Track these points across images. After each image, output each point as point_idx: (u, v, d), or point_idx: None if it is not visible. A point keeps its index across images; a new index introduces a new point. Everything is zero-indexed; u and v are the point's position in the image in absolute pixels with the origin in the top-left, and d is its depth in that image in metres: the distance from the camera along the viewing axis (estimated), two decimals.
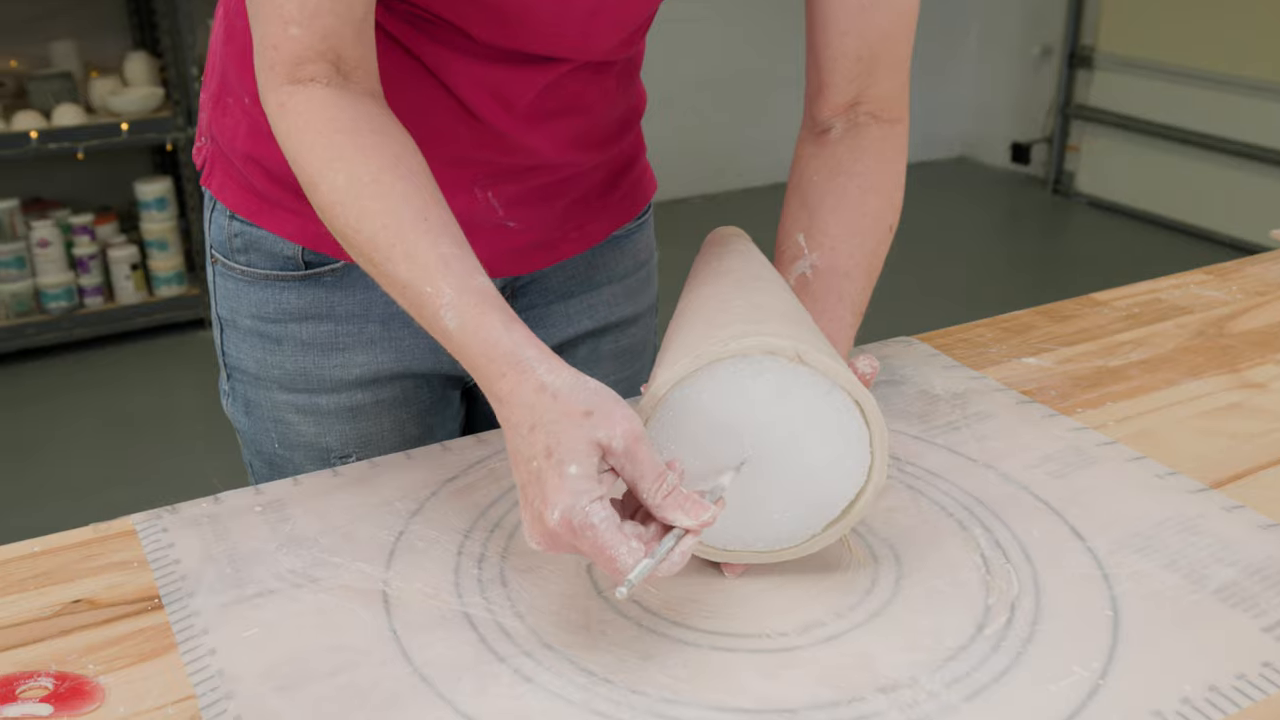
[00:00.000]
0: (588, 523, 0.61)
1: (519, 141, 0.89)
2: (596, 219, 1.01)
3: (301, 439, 0.97)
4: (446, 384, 1.01)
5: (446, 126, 0.87)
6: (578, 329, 1.04)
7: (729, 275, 0.81)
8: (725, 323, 0.71)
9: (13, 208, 3.18)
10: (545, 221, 0.96)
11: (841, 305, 0.83)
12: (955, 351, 1.05)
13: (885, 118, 0.89)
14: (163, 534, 0.78)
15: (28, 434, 2.81)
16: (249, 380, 0.97)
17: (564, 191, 0.95)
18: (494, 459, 0.87)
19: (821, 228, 0.85)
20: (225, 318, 0.97)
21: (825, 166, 0.88)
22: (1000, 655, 0.66)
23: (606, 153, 0.97)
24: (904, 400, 0.96)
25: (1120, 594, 0.71)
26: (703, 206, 4.47)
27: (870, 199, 0.87)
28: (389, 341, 0.95)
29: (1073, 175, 4.64)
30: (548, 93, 0.87)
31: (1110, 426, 0.92)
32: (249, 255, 0.93)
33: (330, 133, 0.72)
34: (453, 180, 0.89)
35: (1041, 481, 0.83)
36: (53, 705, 0.62)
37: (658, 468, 0.63)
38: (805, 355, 0.68)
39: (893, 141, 0.89)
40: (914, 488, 0.83)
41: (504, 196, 0.92)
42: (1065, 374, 1.01)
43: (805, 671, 0.65)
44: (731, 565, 0.73)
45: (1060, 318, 1.13)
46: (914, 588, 0.72)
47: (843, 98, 0.88)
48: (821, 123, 0.90)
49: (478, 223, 0.92)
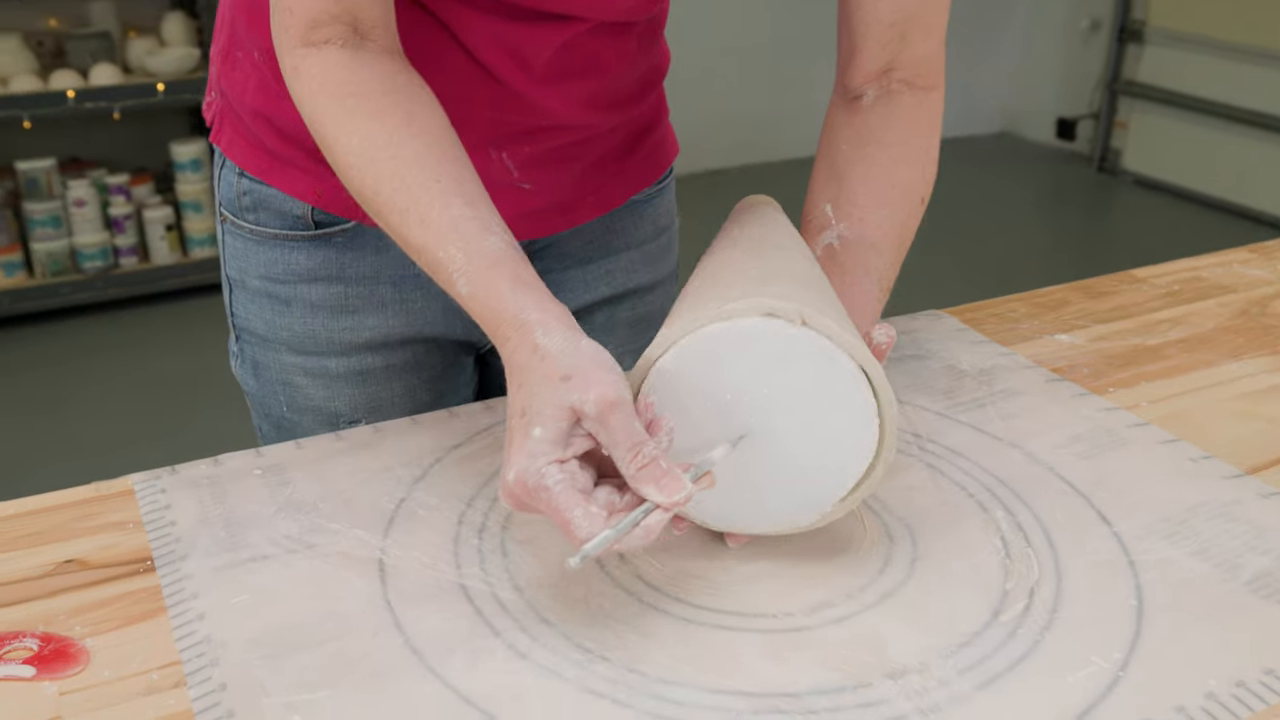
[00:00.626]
0: (541, 484, 0.59)
1: (535, 102, 0.86)
2: (615, 182, 0.98)
3: (310, 403, 0.95)
4: (459, 349, 0.99)
5: (461, 86, 0.84)
6: (595, 295, 1.01)
7: (749, 242, 0.78)
8: (732, 283, 0.68)
9: (50, 167, 3.19)
10: (561, 184, 0.93)
11: (868, 278, 0.80)
12: (985, 326, 1.02)
13: (919, 85, 0.85)
14: (160, 495, 0.76)
15: (61, 391, 2.82)
16: (257, 342, 0.95)
17: (581, 154, 0.93)
18: (500, 426, 0.84)
19: (850, 198, 0.82)
20: (234, 278, 0.95)
21: (856, 135, 0.85)
22: (1016, 643, 0.63)
23: (626, 114, 0.94)
24: (929, 375, 0.93)
25: (1146, 582, 0.68)
26: (738, 178, 4.42)
27: (901, 169, 0.83)
28: (400, 304, 0.93)
29: (1119, 152, 4.55)
30: (565, 52, 0.84)
31: (1143, 407, 0.88)
32: (258, 214, 0.91)
33: (344, 96, 0.71)
34: (468, 141, 0.87)
35: (1068, 462, 0.80)
36: (35, 667, 0.61)
37: (633, 436, 0.60)
38: (809, 318, 0.64)
39: (926, 110, 0.86)
40: (934, 466, 0.80)
41: (519, 158, 0.89)
42: (1099, 352, 0.97)
43: (811, 654, 0.62)
44: (735, 535, 0.71)
45: (1096, 294, 1.10)
46: (929, 570, 0.69)
47: (875, 64, 0.85)
48: (853, 90, 0.86)
49: (492, 184, 0.89)
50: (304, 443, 0.83)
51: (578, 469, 0.61)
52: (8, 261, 3.18)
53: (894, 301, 0.84)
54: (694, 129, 4.21)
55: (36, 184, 3.19)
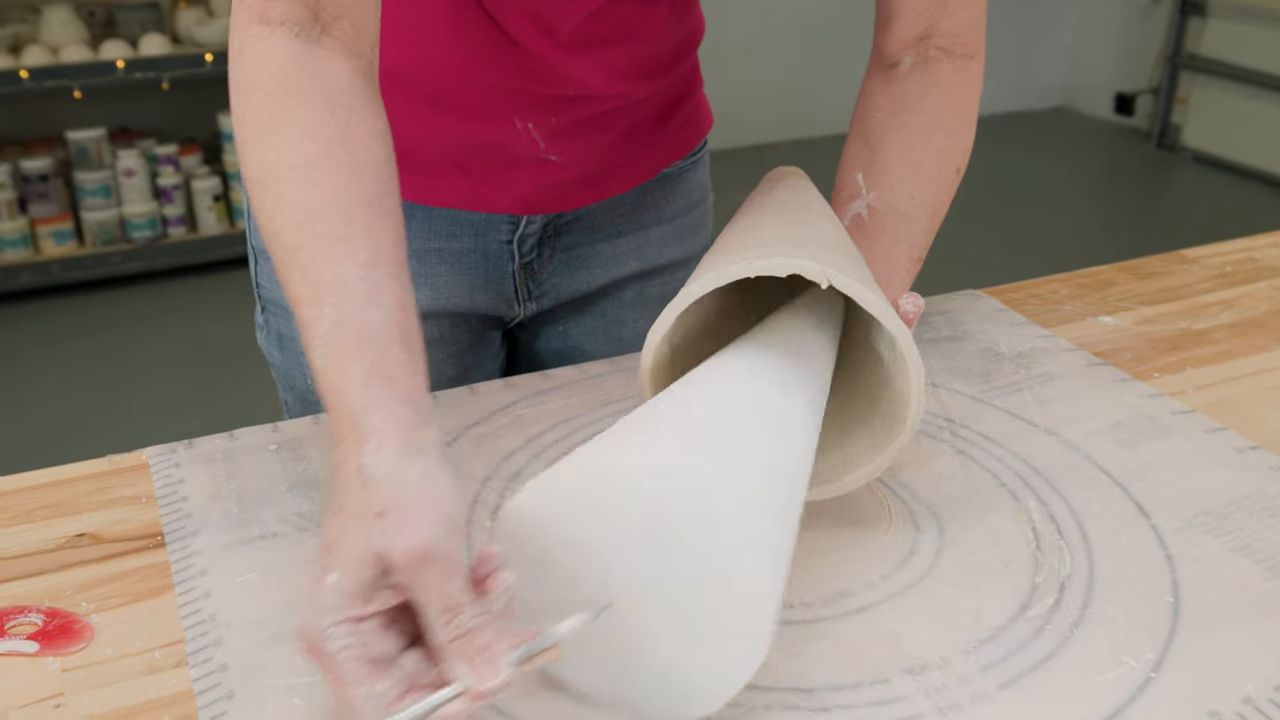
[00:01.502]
0: (322, 649, 0.49)
1: (562, 71, 0.83)
2: (645, 154, 0.95)
3: None
4: (485, 324, 0.97)
5: (486, 53, 0.82)
6: (624, 270, 0.99)
7: (775, 207, 0.75)
8: (757, 244, 0.65)
9: (100, 136, 3.21)
10: (590, 155, 0.91)
11: (897, 248, 0.77)
12: (1025, 307, 0.99)
13: (958, 53, 0.82)
14: (175, 469, 0.75)
15: (108, 359, 2.85)
16: (282, 313, 0.94)
17: (610, 124, 0.90)
18: (520, 405, 0.83)
19: (882, 167, 0.79)
20: (258, 247, 0.94)
21: (890, 103, 0.82)
22: (1043, 639, 0.60)
23: (657, 84, 0.92)
24: (965, 357, 0.90)
25: (1184, 578, 0.65)
26: (785, 152, 4.37)
27: (936, 138, 0.80)
28: (425, 278, 0.91)
29: (1179, 128, 4.43)
30: (594, 19, 0.82)
31: (1189, 394, 0.85)
32: None
33: (279, 95, 0.61)
34: (492, 110, 0.85)
35: (1107, 451, 0.77)
36: (39, 643, 0.60)
37: (448, 598, 0.49)
38: (835, 279, 0.61)
39: (965, 78, 0.82)
40: (965, 453, 0.77)
41: (546, 128, 0.87)
42: (1143, 335, 0.94)
43: (827, 646, 0.60)
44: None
45: (1144, 275, 1.06)
46: (955, 560, 0.66)
47: (912, 31, 0.82)
48: (889, 57, 0.83)
49: (518, 156, 0.88)
50: (321, 418, 0.81)
51: (376, 631, 0.50)
52: (59, 230, 3.21)
53: (932, 280, 0.81)
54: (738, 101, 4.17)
55: (86, 154, 3.22)
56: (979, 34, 0.83)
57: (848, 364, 0.75)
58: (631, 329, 1.01)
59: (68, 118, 3.25)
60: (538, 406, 0.83)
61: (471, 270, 0.93)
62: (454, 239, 0.92)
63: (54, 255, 3.20)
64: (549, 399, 0.84)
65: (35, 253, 3.20)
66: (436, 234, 0.91)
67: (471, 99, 0.84)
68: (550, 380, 0.87)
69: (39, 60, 3.06)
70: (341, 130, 0.61)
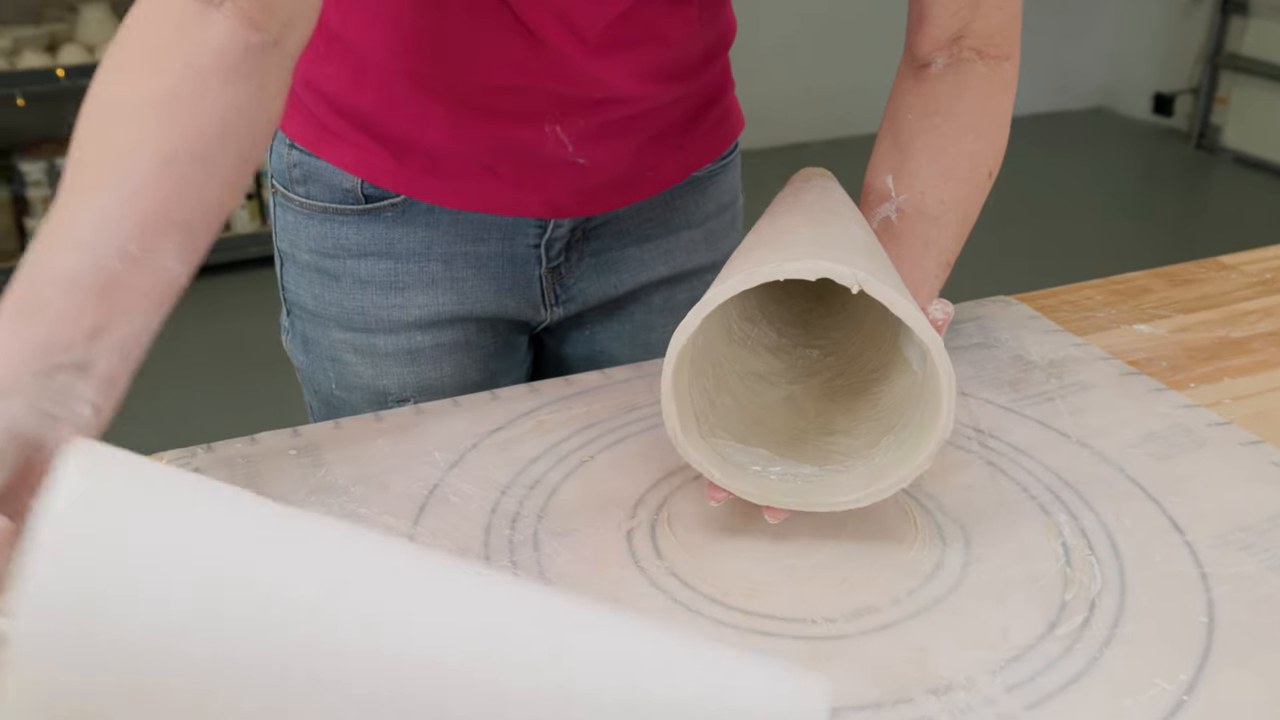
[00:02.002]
0: None
1: (589, 72, 0.82)
2: (675, 158, 0.94)
3: (359, 380, 0.93)
4: (512, 329, 0.96)
5: (512, 54, 0.81)
6: (652, 275, 0.98)
7: (804, 209, 0.74)
8: (785, 245, 0.64)
9: None
10: (619, 159, 0.90)
11: (927, 253, 0.75)
12: (1058, 314, 0.97)
13: (991, 54, 0.81)
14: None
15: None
16: (307, 317, 0.94)
17: (639, 127, 0.89)
18: (544, 410, 0.82)
19: (913, 169, 0.78)
20: (284, 251, 0.94)
21: (922, 104, 0.80)
22: (1072, 659, 0.58)
23: (687, 86, 0.90)
24: (995, 365, 0.88)
25: (1219, 597, 0.63)
26: (821, 151, 4.35)
27: (969, 140, 0.79)
28: (451, 282, 0.91)
29: (1219, 129, 4.38)
30: (623, 21, 0.81)
31: (1226, 405, 0.83)
32: (308, 186, 0.89)
33: (145, 40, 0.59)
34: (520, 112, 0.84)
35: (1140, 463, 0.75)
36: None
37: None
38: (866, 283, 0.60)
39: (999, 80, 0.81)
40: (994, 464, 0.75)
41: (574, 131, 0.86)
42: (1180, 344, 0.92)
43: (851, 664, 0.58)
44: (774, 510, 0.66)
45: (1180, 281, 1.03)
46: (982, 575, 0.65)
47: (945, 32, 0.80)
48: (921, 57, 0.82)
49: (546, 160, 0.87)
50: (343, 423, 0.81)
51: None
52: None
53: (964, 285, 0.80)
54: (770, 101, 4.15)
55: None
56: (1014, 35, 0.81)
57: (876, 371, 0.74)
58: (660, 334, 1.00)
59: None
60: (561, 412, 0.82)
61: (498, 274, 0.92)
62: (481, 243, 0.91)
63: None
64: (573, 404, 0.83)
65: None
66: (463, 238, 0.91)
67: (498, 101, 0.83)
68: (574, 385, 0.86)
69: (75, 59, 3.09)
70: (178, 88, 0.58)
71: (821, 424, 0.73)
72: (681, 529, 0.69)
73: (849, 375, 0.76)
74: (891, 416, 0.69)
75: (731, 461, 0.67)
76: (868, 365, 0.75)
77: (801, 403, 0.75)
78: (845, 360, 0.77)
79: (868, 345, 0.76)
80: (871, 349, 0.76)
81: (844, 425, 0.72)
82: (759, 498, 0.66)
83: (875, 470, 0.66)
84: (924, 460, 0.63)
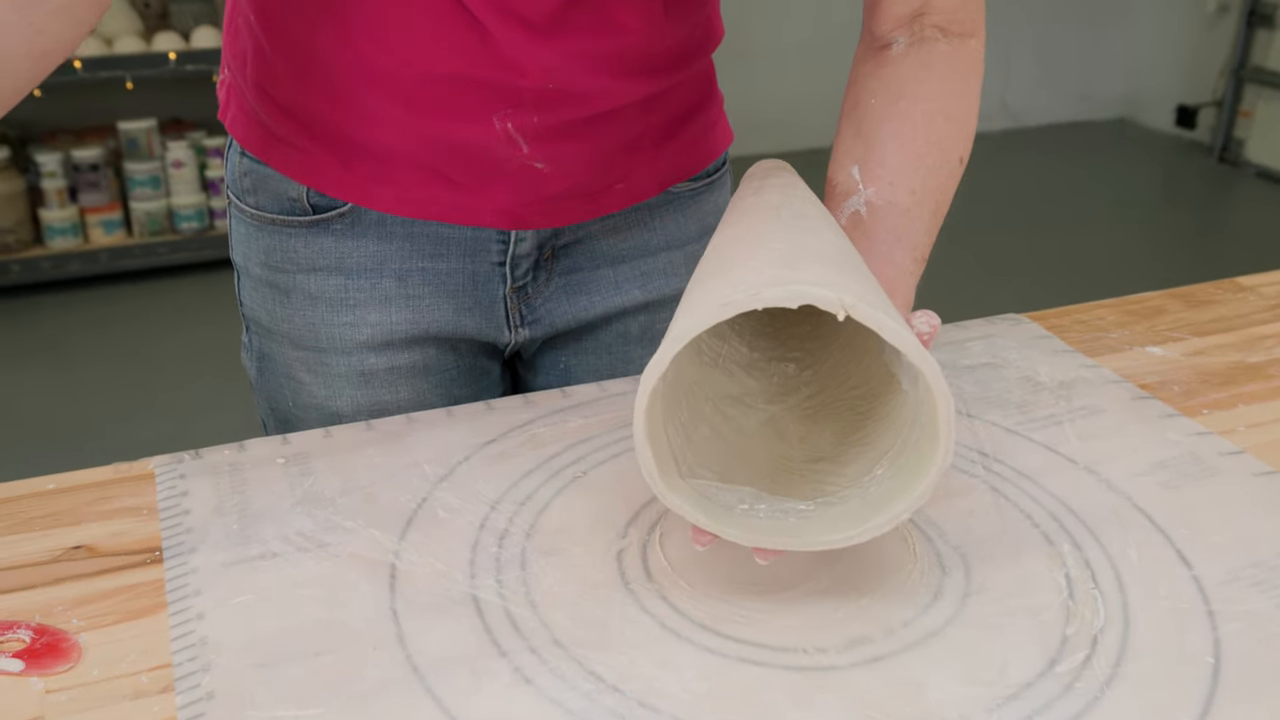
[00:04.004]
0: None
1: (535, 60, 0.76)
2: (647, 169, 0.88)
3: (313, 400, 0.90)
4: (477, 351, 0.92)
5: (449, 37, 0.75)
6: (628, 300, 0.93)
7: (764, 212, 0.69)
8: (754, 263, 0.60)
9: (150, 128, 3.24)
10: (582, 165, 0.83)
11: (900, 248, 0.71)
12: (1070, 334, 0.95)
13: (955, 31, 0.77)
14: (179, 480, 0.73)
15: (153, 349, 2.87)
16: (262, 332, 0.91)
17: (603, 131, 0.83)
18: (539, 423, 0.80)
19: (879, 159, 0.74)
20: (239, 264, 0.91)
21: (884, 88, 0.76)
22: (1072, 698, 0.56)
23: (653, 85, 0.83)
24: (1002, 386, 0.86)
25: (1226, 635, 0.61)
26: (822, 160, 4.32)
27: (938, 123, 0.74)
28: (405, 300, 0.86)
29: (1242, 143, 4.34)
30: (573, 5, 0.75)
31: (1240, 433, 0.80)
32: (257, 196, 0.87)
33: None
34: (465, 105, 0.78)
35: (1149, 492, 0.73)
36: (24, 661, 0.58)
37: None
38: (852, 308, 0.56)
39: (964, 58, 0.77)
40: (998, 490, 0.73)
41: (528, 129, 0.80)
42: (1194, 368, 0.90)
43: (842, 697, 0.57)
44: (764, 551, 0.62)
45: (1196, 302, 1.01)
46: (981, 607, 0.63)
47: (905, 7, 0.76)
48: (881, 37, 0.78)
49: (500, 162, 0.81)
50: (334, 431, 0.79)
51: None
52: (108, 220, 3.24)
53: (978, 300, 0.77)
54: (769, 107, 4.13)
55: (137, 144, 3.24)
56: (978, 10, 0.77)
57: (858, 388, 0.70)
58: (638, 366, 0.95)
59: (119, 108, 3.28)
60: (556, 425, 0.80)
61: (457, 292, 0.88)
62: (439, 259, 0.86)
63: (103, 244, 3.23)
64: (568, 417, 0.81)
65: (84, 241, 3.23)
66: (419, 253, 0.86)
67: (444, 93, 0.78)
68: (570, 398, 0.84)
69: (93, 51, 3.09)
70: None
71: (807, 450, 0.69)
72: (673, 550, 0.67)
73: (830, 392, 0.72)
74: (883, 440, 0.65)
75: (716, 502, 0.62)
76: (848, 381, 0.71)
77: (783, 426, 0.71)
78: (824, 375, 0.73)
79: (847, 358, 0.72)
80: (852, 363, 0.71)
81: (831, 452, 0.68)
82: (747, 540, 0.61)
83: (871, 504, 0.62)
84: (923, 492, 0.59)
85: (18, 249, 3.16)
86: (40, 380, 2.72)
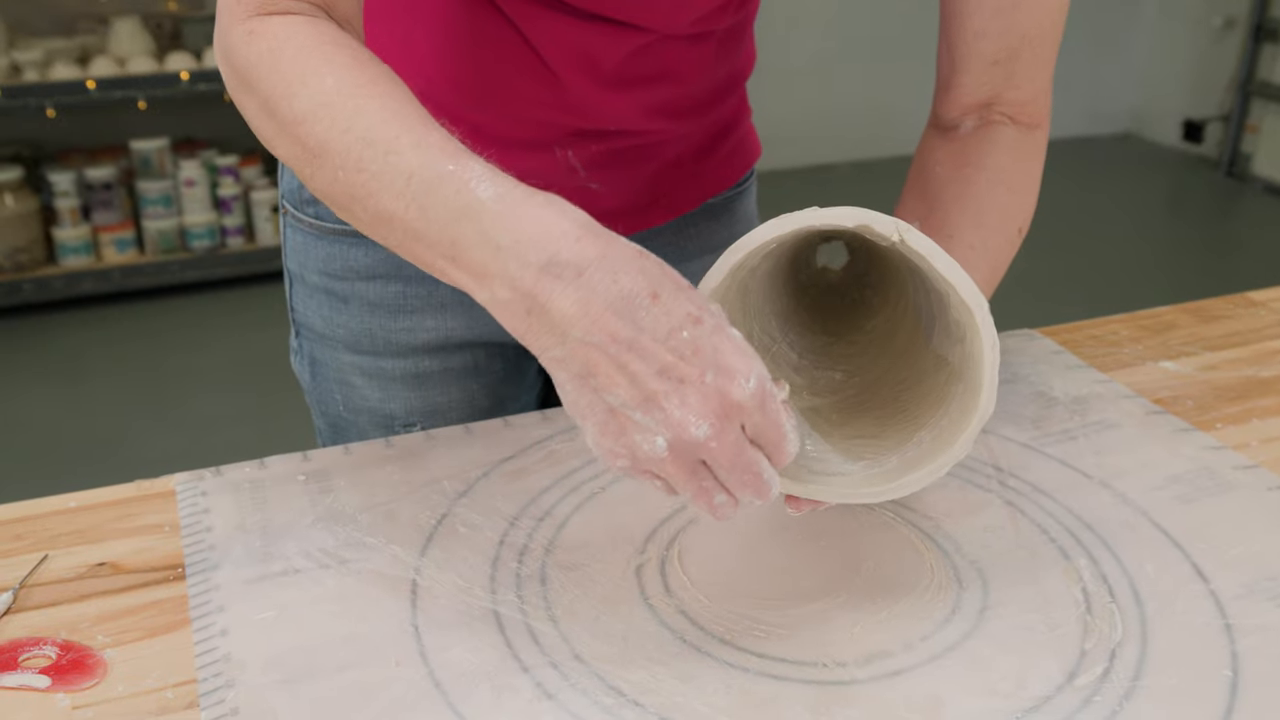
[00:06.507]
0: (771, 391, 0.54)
1: (602, 107, 0.82)
2: (689, 185, 0.93)
3: (366, 403, 0.92)
4: (520, 354, 0.95)
5: (526, 85, 0.80)
6: None
7: None
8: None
9: (163, 147, 3.26)
10: (633, 186, 0.89)
11: None
12: (1083, 350, 0.95)
13: (1023, 121, 0.79)
14: (201, 498, 0.74)
15: (165, 367, 2.88)
16: (315, 338, 0.93)
17: (653, 155, 0.88)
18: (556, 439, 0.81)
19: (941, 216, 0.75)
20: (294, 271, 0.93)
21: (951, 158, 0.78)
22: (1090, 712, 0.57)
23: (700, 121, 0.89)
24: (1017, 401, 0.86)
25: (1243, 650, 0.61)
26: (847, 174, 4.33)
27: (1000, 192, 0.76)
28: (460, 307, 0.90)
29: (1249, 157, 4.33)
30: (636, 58, 0.80)
31: (1254, 447, 0.81)
32: (317, 206, 0.89)
33: (315, 43, 0.62)
34: (532, 140, 0.83)
35: (1164, 506, 0.73)
36: (50, 677, 0.59)
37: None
38: (908, 234, 0.56)
39: (1030, 144, 0.79)
40: (1014, 504, 0.74)
41: (586, 158, 0.85)
42: (1207, 383, 0.90)
43: (860, 711, 0.57)
44: (798, 501, 0.63)
45: (1208, 318, 1.02)
46: (999, 621, 0.63)
47: (974, 97, 0.79)
48: (949, 121, 0.80)
49: (558, 184, 0.85)
50: (353, 448, 0.80)
51: None
52: (120, 238, 3.25)
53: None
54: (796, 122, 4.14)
55: (149, 163, 3.26)
56: (1045, 105, 0.80)
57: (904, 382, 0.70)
58: None
59: (132, 128, 3.30)
60: (574, 441, 0.81)
61: None
62: None
63: (115, 262, 3.24)
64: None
65: (97, 259, 3.24)
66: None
67: (511, 130, 0.82)
68: None
69: (106, 71, 3.11)
70: (380, 66, 0.63)
71: (847, 432, 0.69)
72: (693, 565, 0.68)
73: (874, 391, 0.72)
74: (924, 414, 0.65)
75: None
76: (896, 377, 0.71)
77: (826, 414, 0.71)
78: (870, 380, 0.73)
79: (897, 361, 0.72)
80: (902, 364, 0.72)
81: (872, 430, 0.68)
82: (791, 488, 0.61)
83: (908, 462, 0.62)
84: (965, 442, 0.59)
85: (31, 268, 3.17)
86: (54, 398, 2.74)
